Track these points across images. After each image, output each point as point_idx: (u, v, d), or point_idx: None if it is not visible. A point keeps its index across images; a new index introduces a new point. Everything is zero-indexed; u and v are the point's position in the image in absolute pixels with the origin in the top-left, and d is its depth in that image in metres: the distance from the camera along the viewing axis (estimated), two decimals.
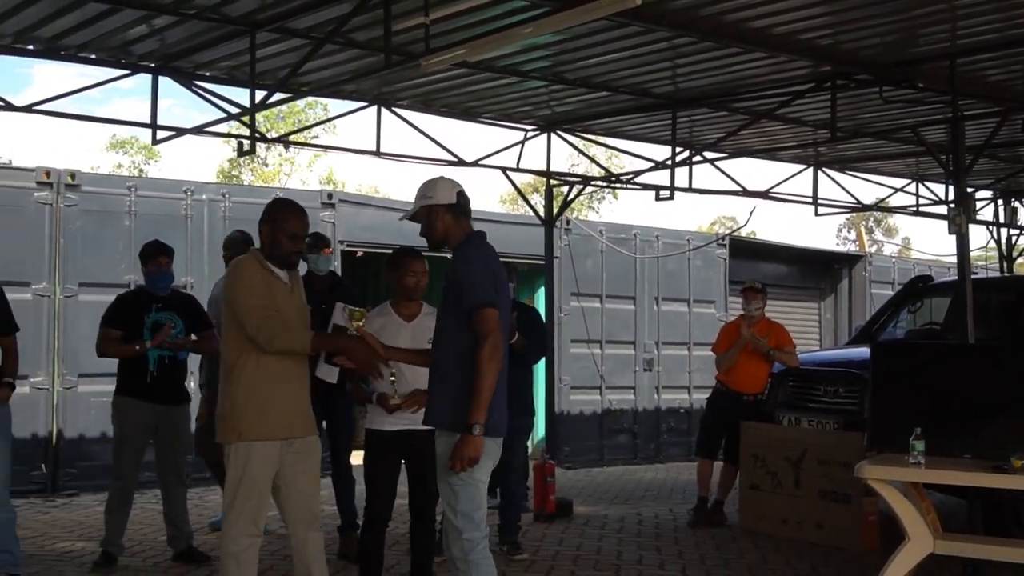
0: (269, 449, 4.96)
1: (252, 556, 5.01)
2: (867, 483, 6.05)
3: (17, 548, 6.43)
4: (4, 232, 9.63)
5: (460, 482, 4.56)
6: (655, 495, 11.00)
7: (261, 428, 4.94)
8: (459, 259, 4.81)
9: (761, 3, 7.15)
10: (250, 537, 4.99)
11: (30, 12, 7.45)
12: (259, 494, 4.97)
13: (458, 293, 4.66)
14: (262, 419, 4.94)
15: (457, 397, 4.56)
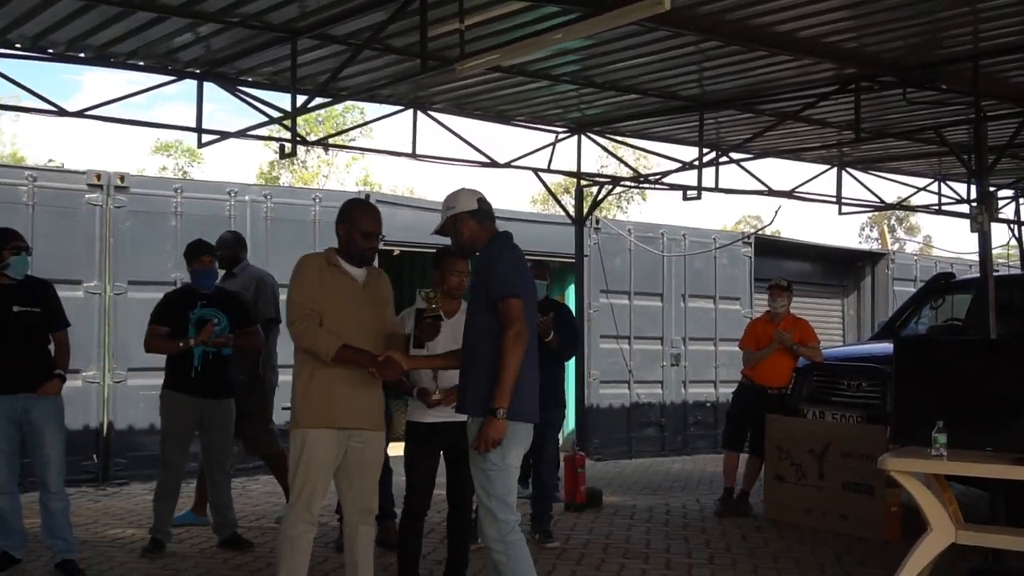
0: (325, 437, 5.02)
1: (306, 542, 5.08)
2: (890, 475, 6.02)
3: (71, 535, 6.52)
4: (57, 232, 9.69)
5: (493, 467, 4.66)
6: (682, 486, 10.98)
7: (316, 417, 5.02)
8: (486, 255, 4.95)
9: (786, 7, 7.12)
10: (305, 523, 5.06)
11: (81, 21, 7.53)
12: (314, 481, 5.03)
13: (486, 286, 4.79)
14: (318, 408, 5.02)
15: (487, 386, 4.65)
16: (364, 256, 5.19)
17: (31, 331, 6.38)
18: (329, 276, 5.10)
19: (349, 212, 5.20)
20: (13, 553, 6.40)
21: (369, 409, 5.15)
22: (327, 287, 5.07)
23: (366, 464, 5.18)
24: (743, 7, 7.09)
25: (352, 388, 5.04)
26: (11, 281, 6.33)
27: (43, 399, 6.33)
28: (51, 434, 6.37)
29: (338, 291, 5.08)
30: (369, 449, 5.17)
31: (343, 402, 5.03)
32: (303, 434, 5.04)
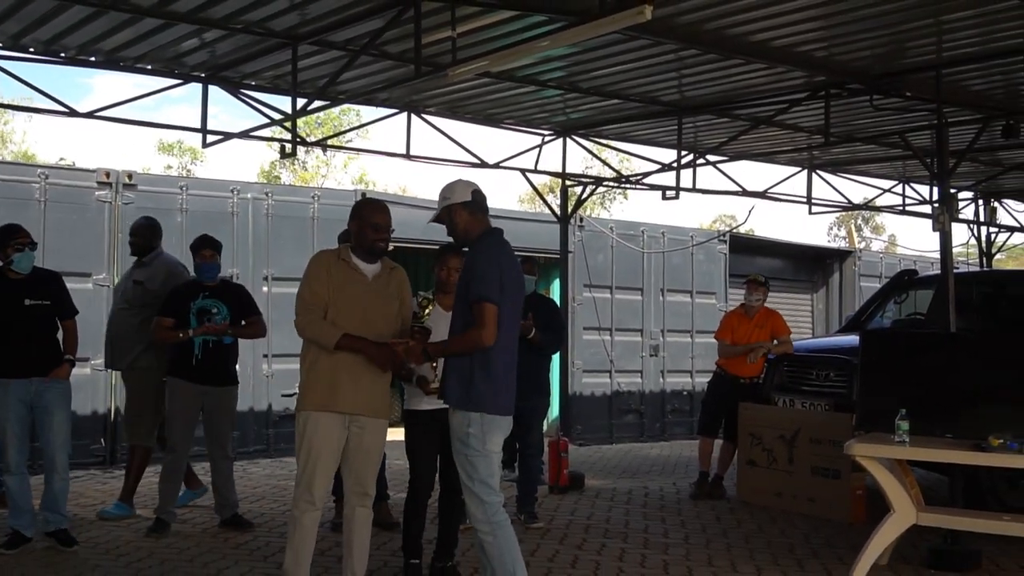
0: (327, 420, 5.04)
1: (309, 522, 5.11)
2: (856, 460, 6.08)
3: (66, 510, 6.57)
4: (67, 228, 9.66)
5: (476, 453, 4.74)
6: (660, 470, 11.00)
7: (318, 400, 5.05)
8: (471, 254, 4.98)
9: (761, 18, 7.13)
10: (306, 503, 5.09)
11: (92, 27, 7.50)
12: (315, 461, 5.05)
13: (467, 286, 4.81)
14: (320, 393, 5.06)
15: (467, 378, 4.75)
16: (373, 249, 5.19)
17: (41, 321, 6.44)
18: (337, 271, 5.14)
19: (360, 208, 5.29)
20: (24, 532, 6.39)
21: (370, 396, 5.14)
22: (335, 282, 5.10)
23: (364, 449, 5.17)
24: (720, 17, 7.10)
25: (354, 375, 5.05)
26: (20, 275, 6.35)
27: (54, 382, 6.40)
28: (59, 416, 6.43)
29: (346, 285, 5.11)
30: (367, 435, 5.16)
31: (344, 388, 5.04)
32: (305, 416, 5.07)
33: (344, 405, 5.06)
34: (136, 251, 7.73)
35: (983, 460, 5.78)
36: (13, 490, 6.40)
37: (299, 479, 5.12)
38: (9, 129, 28.64)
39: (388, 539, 6.83)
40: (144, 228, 7.80)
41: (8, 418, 6.29)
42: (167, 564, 6.18)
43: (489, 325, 4.68)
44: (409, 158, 10.35)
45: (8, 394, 6.28)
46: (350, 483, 5.22)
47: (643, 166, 12.14)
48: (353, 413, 5.09)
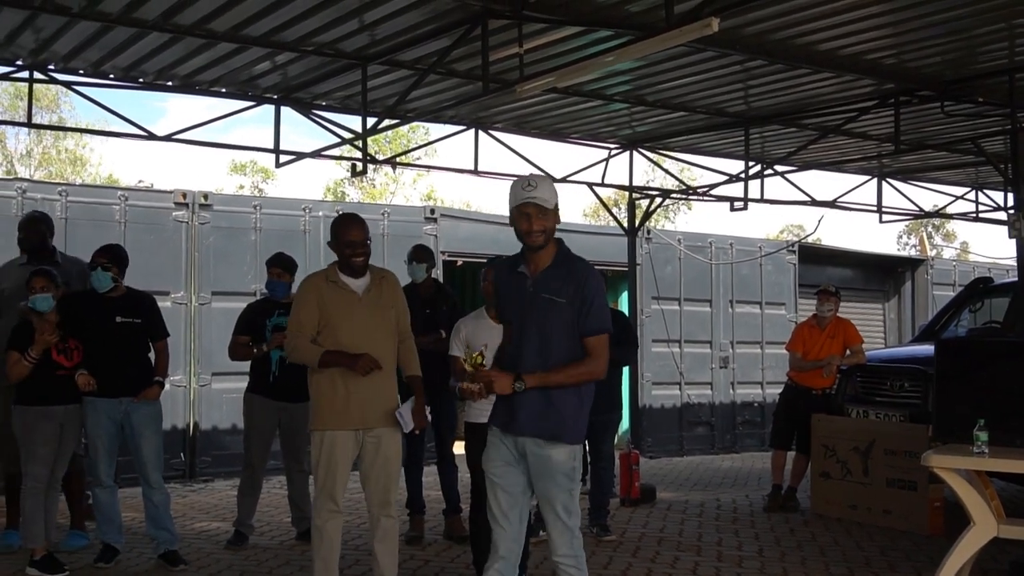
0: (341, 438, 5.14)
1: (333, 528, 5.21)
2: (933, 471, 5.95)
3: (173, 526, 6.61)
4: (146, 247, 9.83)
5: (576, 487, 4.34)
6: (732, 482, 10.90)
7: (332, 419, 5.15)
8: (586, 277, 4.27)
9: (829, 27, 7.08)
10: (330, 512, 5.18)
11: (169, 52, 7.68)
12: (333, 475, 5.15)
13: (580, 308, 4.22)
14: (333, 412, 5.15)
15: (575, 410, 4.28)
16: (353, 265, 5.24)
17: (132, 340, 6.47)
18: (328, 291, 5.22)
19: (334, 228, 5.30)
20: (113, 544, 6.48)
21: (379, 408, 5.21)
22: (327, 302, 5.20)
23: (381, 460, 5.23)
24: (787, 27, 7.06)
25: (362, 391, 5.14)
26: (115, 294, 6.43)
27: (143, 403, 6.43)
28: (150, 435, 6.46)
29: (339, 303, 5.20)
30: (383, 445, 5.23)
31: (352, 405, 5.14)
32: (320, 435, 5.18)
33: (355, 421, 5.16)
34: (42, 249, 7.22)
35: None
36: (103, 503, 6.48)
37: (319, 491, 5.20)
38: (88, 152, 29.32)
39: (461, 552, 6.87)
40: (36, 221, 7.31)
41: (99, 435, 6.35)
42: (248, 575, 6.28)
43: (604, 357, 4.27)
44: (477, 174, 10.42)
45: (98, 412, 6.33)
46: (370, 494, 5.27)
47: (706, 177, 12.09)
48: (363, 427, 5.18)
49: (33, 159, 28.42)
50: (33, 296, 6.19)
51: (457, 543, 7.13)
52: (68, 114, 26.62)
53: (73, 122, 25.17)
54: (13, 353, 6.11)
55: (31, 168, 28.00)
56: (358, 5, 6.70)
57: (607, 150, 11.25)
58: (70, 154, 28.72)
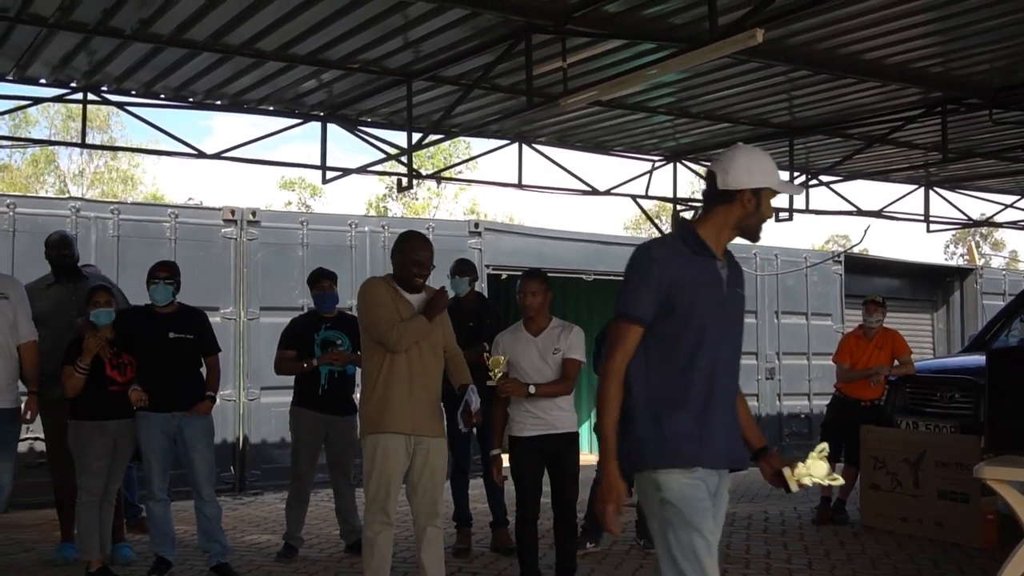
0: (393, 442, 5.12)
1: (384, 540, 5.19)
2: (986, 483, 5.86)
3: (225, 539, 6.64)
4: (196, 264, 9.91)
5: None
6: (780, 495, 10.75)
7: (384, 423, 5.13)
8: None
9: (874, 36, 7.04)
10: (381, 524, 5.18)
11: (218, 72, 7.80)
12: (386, 484, 5.14)
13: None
14: (386, 416, 5.13)
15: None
16: (413, 284, 5.27)
17: (185, 356, 6.51)
18: (395, 296, 5.25)
19: (402, 243, 5.31)
20: (167, 556, 6.54)
21: (427, 417, 5.22)
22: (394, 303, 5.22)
23: (428, 471, 5.23)
24: (832, 37, 7.03)
25: (408, 397, 5.15)
26: (167, 310, 6.51)
27: (196, 418, 6.46)
28: (202, 449, 6.50)
29: (400, 309, 5.21)
30: (432, 455, 5.24)
31: (402, 410, 5.14)
32: (374, 439, 5.15)
33: (404, 426, 5.14)
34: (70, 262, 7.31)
35: None
36: (156, 516, 6.53)
37: (371, 501, 5.18)
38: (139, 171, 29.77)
39: (508, 564, 6.85)
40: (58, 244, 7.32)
41: (152, 449, 6.39)
42: None
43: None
44: (521, 187, 10.45)
45: (151, 426, 6.37)
46: (418, 504, 5.27)
47: None
48: (414, 433, 5.17)
49: (85, 179, 28.91)
50: (97, 310, 6.29)
51: (504, 555, 7.12)
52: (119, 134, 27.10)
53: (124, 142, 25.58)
54: (67, 367, 6.20)
55: (84, 187, 28.47)
56: (403, 23, 6.76)
57: (651, 162, 11.24)
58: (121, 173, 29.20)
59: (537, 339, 5.70)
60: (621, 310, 3.44)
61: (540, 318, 5.74)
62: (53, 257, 7.28)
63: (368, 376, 5.27)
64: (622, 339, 3.40)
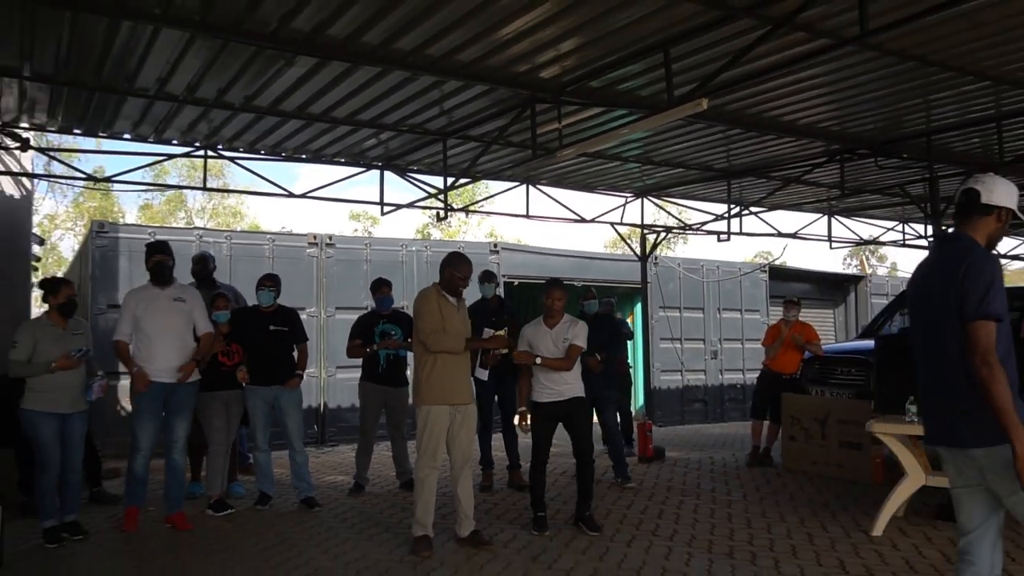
0: (440, 411, 5.19)
1: (432, 481, 5.24)
2: (875, 435, 5.84)
3: (311, 479, 6.66)
4: (288, 276, 9.76)
5: None
6: (721, 444, 10.75)
7: (434, 396, 5.19)
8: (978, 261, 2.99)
9: (789, 104, 7.02)
10: (430, 468, 5.21)
11: (303, 134, 7.81)
12: (435, 439, 5.19)
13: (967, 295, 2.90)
14: (434, 391, 5.19)
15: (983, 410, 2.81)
16: (457, 291, 5.37)
17: (281, 343, 6.53)
18: (441, 301, 5.31)
19: (451, 261, 5.37)
20: (268, 492, 6.58)
21: (462, 389, 5.29)
22: (442, 309, 5.29)
23: (464, 427, 5.29)
24: (758, 104, 7.01)
25: (453, 377, 5.22)
26: (268, 309, 6.55)
27: (289, 390, 6.49)
28: (294, 413, 6.52)
29: (446, 310, 5.29)
30: (467, 418, 5.30)
31: (449, 386, 5.20)
32: (426, 409, 5.20)
33: (450, 398, 5.21)
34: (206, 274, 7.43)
35: None
36: (261, 462, 6.57)
37: (423, 452, 5.20)
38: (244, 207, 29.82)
39: (521, 497, 6.85)
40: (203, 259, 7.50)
41: (257, 413, 6.44)
42: (365, 514, 6.31)
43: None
44: (528, 217, 10.43)
45: (256, 396, 6.43)
46: (457, 452, 5.30)
47: (698, 216, 11.98)
48: (454, 403, 5.22)
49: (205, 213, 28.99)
50: (217, 312, 6.32)
51: (517, 491, 7.11)
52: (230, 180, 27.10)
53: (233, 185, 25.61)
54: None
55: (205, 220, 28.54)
56: (439, 96, 6.77)
57: (624, 198, 11.21)
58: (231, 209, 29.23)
59: (552, 331, 5.73)
60: (988, 312, 2.82)
61: (557, 316, 5.77)
62: (195, 270, 7.35)
63: (420, 361, 5.29)
64: (992, 336, 2.81)
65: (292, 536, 5.62)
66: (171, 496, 5.87)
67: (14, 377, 5.41)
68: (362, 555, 5.13)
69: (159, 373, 5.71)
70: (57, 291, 5.49)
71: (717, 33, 5.36)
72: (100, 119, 7.24)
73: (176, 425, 5.83)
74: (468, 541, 5.30)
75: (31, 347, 5.35)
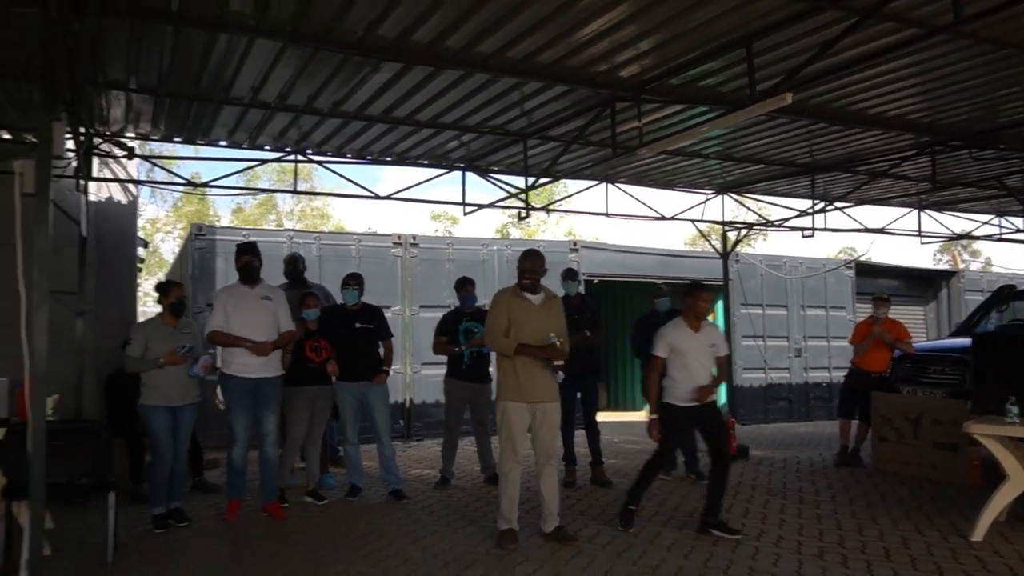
0: (518, 407, 5.19)
1: (515, 474, 5.25)
2: (973, 436, 5.59)
3: (398, 472, 6.77)
4: (374, 275, 10.02)
5: None
6: (807, 443, 10.47)
7: (513, 394, 5.21)
8: None
9: (877, 96, 6.77)
10: (513, 463, 5.23)
11: (388, 138, 7.93)
12: (515, 435, 5.20)
13: None
14: (511, 388, 5.21)
15: None
16: (524, 286, 5.33)
17: (367, 340, 6.66)
18: (514, 302, 5.31)
19: (520, 257, 5.42)
20: (358, 484, 6.72)
21: (544, 387, 5.24)
22: (513, 309, 5.28)
23: (547, 426, 5.27)
24: (844, 97, 6.79)
25: (531, 375, 5.19)
26: (353, 307, 6.69)
27: (376, 386, 6.61)
28: (381, 408, 6.65)
29: (520, 310, 5.28)
30: (548, 415, 5.27)
31: (525, 384, 5.19)
32: (504, 405, 5.23)
33: (527, 396, 5.20)
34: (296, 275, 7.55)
35: None
36: (351, 455, 6.72)
37: (503, 447, 5.24)
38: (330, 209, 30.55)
39: (604, 493, 6.82)
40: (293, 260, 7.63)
41: (346, 408, 6.60)
42: (451, 507, 6.39)
43: None
44: (608, 216, 10.36)
45: (345, 391, 6.58)
46: (540, 449, 5.29)
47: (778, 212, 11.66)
48: (534, 400, 5.21)
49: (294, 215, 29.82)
50: (308, 310, 6.50)
51: (600, 487, 7.09)
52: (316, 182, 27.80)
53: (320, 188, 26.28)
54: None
55: (293, 221, 29.38)
56: (519, 98, 6.79)
57: (704, 195, 11.03)
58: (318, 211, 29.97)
59: (698, 334, 5.57)
60: None
61: (702, 318, 5.60)
62: (287, 271, 7.56)
63: (498, 358, 5.34)
64: None
65: (382, 527, 5.74)
66: (265, 486, 6.07)
67: (130, 372, 5.76)
68: (449, 547, 5.20)
69: (247, 368, 5.91)
70: (168, 292, 5.81)
71: (802, 26, 5.22)
72: (199, 127, 7.54)
73: (265, 419, 6.02)
74: (552, 536, 5.31)
75: (144, 344, 5.67)
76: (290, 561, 4.91)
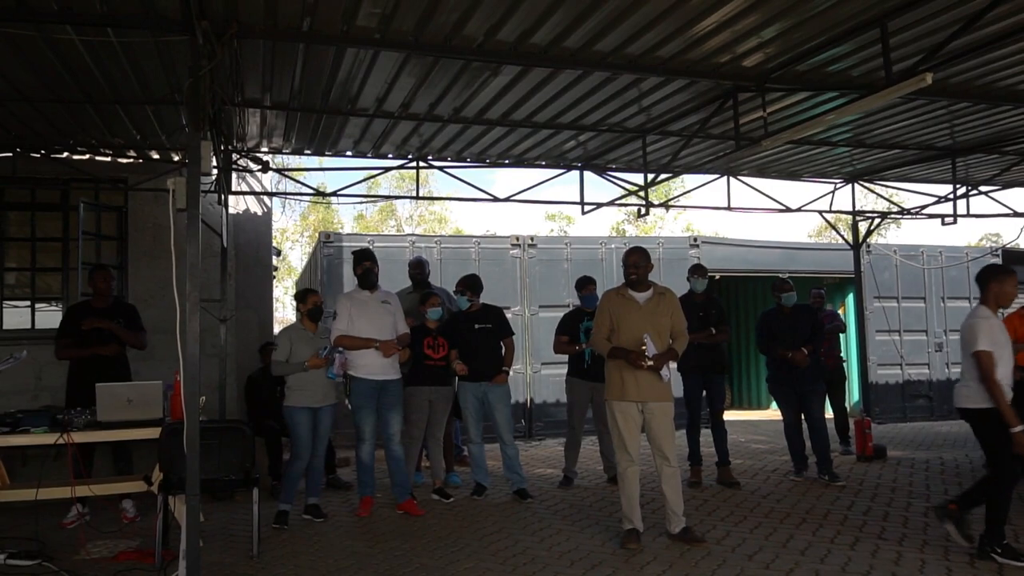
0: (624, 406, 5.18)
1: (632, 474, 5.24)
2: None
3: (522, 471, 6.81)
4: (493, 276, 10.21)
5: None
6: (951, 444, 9.86)
7: (616, 393, 5.22)
8: None
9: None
10: (627, 462, 5.22)
11: (506, 141, 8.01)
12: (626, 435, 5.20)
13: None
14: (614, 388, 5.23)
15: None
16: (630, 282, 5.34)
17: (487, 340, 6.76)
18: (617, 302, 5.31)
19: (624, 255, 5.40)
20: (483, 483, 6.82)
21: (650, 387, 5.15)
22: (615, 309, 5.30)
23: (656, 424, 5.19)
24: (990, 73, 6.35)
25: (635, 374, 5.15)
26: (473, 308, 6.80)
27: (496, 385, 6.70)
28: (502, 408, 6.72)
29: (624, 311, 5.27)
30: (656, 416, 5.18)
31: (628, 383, 5.16)
32: (610, 403, 5.26)
33: (631, 395, 5.16)
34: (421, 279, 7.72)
35: None
36: (475, 454, 6.83)
37: (616, 446, 5.26)
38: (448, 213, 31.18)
39: (732, 494, 6.66)
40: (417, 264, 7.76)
41: (468, 408, 6.71)
42: (575, 507, 6.38)
43: None
44: (730, 209, 10.10)
45: (466, 392, 6.71)
46: (655, 448, 5.23)
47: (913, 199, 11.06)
48: (639, 400, 5.15)
49: (413, 220, 30.62)
50: (430, 309, 6.67)
51: (727, 487, 6.93)
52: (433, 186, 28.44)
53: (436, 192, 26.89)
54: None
55: (412, 226, 30.17)
56: (637, 95, 6.72)
57: (833, 184, 10.58)
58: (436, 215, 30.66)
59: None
60: None
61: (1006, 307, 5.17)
62: (412, 274, 7.79)
63: (607, 358, 5.32)
64: None
65: (508, 525, 5.81)
66: (396, 485, 6.26)
67: (275, 375, 6.12)
68: (575, 546, 5.21)
69: (370, 370, 6.14)
70: (306, 299, 6.17)
71: (943, 0, 4.92)
72: (327, 139, 7.85)
73: (390, 420, 6.20)
74: (679, 537, 5.24)
75: (288, 349, 5.99)
76: (422, 556, 5.05)
